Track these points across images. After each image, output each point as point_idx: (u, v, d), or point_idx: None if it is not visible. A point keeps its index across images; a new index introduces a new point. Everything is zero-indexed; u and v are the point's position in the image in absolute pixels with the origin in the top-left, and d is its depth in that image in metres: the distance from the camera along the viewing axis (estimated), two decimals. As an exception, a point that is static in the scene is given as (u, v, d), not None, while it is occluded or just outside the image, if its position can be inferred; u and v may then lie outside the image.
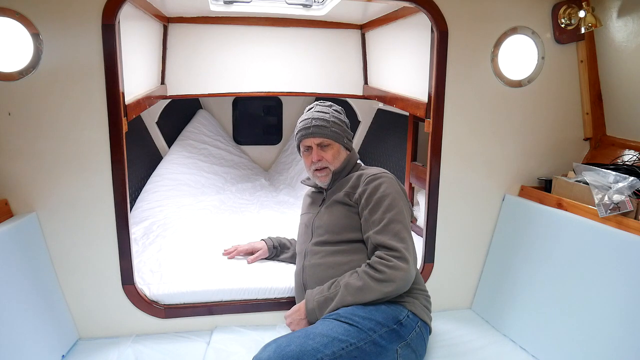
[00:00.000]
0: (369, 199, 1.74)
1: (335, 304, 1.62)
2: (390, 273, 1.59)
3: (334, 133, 1.87)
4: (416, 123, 2.92)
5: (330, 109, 1.93)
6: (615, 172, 1.78)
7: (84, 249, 1.86)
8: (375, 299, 1.61)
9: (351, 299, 1.61)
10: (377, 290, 1.60)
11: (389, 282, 1.59)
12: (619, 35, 1.97)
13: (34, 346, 1.60)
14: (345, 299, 1.61)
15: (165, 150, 4.07)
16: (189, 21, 3.13)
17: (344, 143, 1.91)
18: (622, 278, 1.57)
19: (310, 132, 1.86)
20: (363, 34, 3.39)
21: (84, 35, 1.71)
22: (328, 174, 1.89)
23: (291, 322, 1.72)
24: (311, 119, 1.88)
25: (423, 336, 1.67)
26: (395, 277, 1.59)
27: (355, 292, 1.61)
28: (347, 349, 1.47)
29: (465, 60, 2.02)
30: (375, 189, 1.75)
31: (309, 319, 1.66)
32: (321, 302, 1.65)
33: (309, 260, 1.83)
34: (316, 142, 1.87)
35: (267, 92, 3.45)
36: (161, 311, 1.95)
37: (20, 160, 1.76)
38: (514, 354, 1.83)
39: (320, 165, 1.88)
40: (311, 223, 1.90)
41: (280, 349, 1.43)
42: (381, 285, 1.60)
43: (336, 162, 1.89)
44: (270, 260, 2.27)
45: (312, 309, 1.66)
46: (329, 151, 1.87)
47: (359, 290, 1.61)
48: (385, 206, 1.70)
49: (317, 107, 1.93)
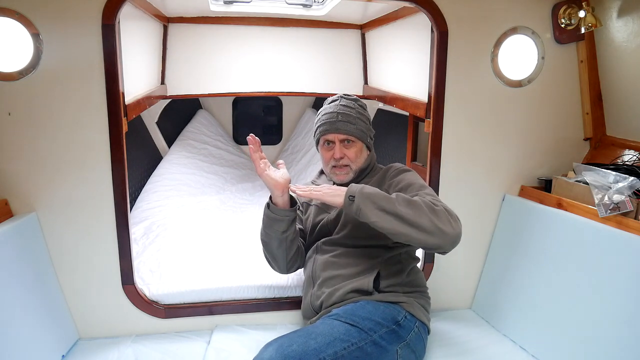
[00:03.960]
0: (398, 186, 1.68)
1: (383, 196, 1.47)
2: (443, 211, 1.45)
3: (359, 131, 1.77)
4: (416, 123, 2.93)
5: (356, 104, 1.82)
6: (615, 172, 1.78)
7: (84, 249, 1.86)
8: (421, 225, 1.43)
9: (401, 208, 1.44)
10: (427, 216, 1.43)
11: (440, 219, 1.43)
12: (619, 35, 1.97)
13: (34, 346, 1.60)
14: (393, 199, 1.46)
15: (165, 150, 4.07)
16: (189, 21, 3.13)
17: (367, 142, 1.83)
18: (622, 278, 1.57)
19: (335, 127, 1.76)
20: (363, 34, 3.39)
21: (84, 35, 1.71)
22: (348, 172, 1.81)
23: (324, 186, 1.60)
24: (337, 113, 1.77)
25: (422, 337, 1.66)
26: (446, 218, 1.44)
27: (406, 202, 1.45)
28: (349, 349, 1.46)
29: (465, 60, 2.02)
30: (403, 178, 1.70)
31: (349, 189, 1.51)
32: (367, 187, 1.51)
33: (321, 256, 1.78)
34: (340, 137, 1.77)
35: (267, 92, 3.45)
36: (161, 311, 1.95)
37: (20, 160, 1.76)
38: (514, 354, 1.83)
39: (341, 163, 1.79)
40: (333, 218, 1.82)
41: (282, 348, 1.41)
42: (434, 215, 1.43)
43: (358, 161, 1.81)
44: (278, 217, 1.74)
45: (356, 185, 1.52)
46: (352, 149, 1.79)
47: (411, 203, 1.45)
48: (417, 187, 1.64)
49: (342, 100, 1.82)
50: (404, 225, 1.44)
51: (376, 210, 1.46)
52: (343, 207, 1.51)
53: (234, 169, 4.25)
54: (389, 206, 1.45)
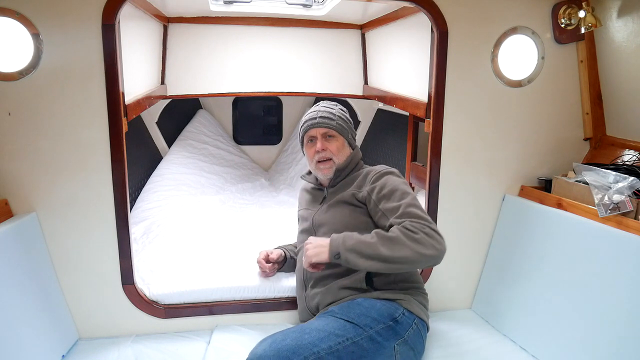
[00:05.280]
0: (380, 192, 1.72)
1: (363, 240, 1.55)
2: (422, 237, 1.52)
3: (340, 126, 1.87)
4: (416, 123, 2.93)
5: (337, 107, 1.95)
6: (615, 172, 1.78)
7: (84, 249, 1.86)
8: (406, 259, 1.51)
9: (381, 247, 1.52)
10: (408, 248, 1.50)
11: (421, 244, 1.51)
12: (619, 35, 1.97)
13: (34, 346, 1.60)
14: (374, 244, 1.53)
15: (165, 150, 4.07)
16: (189, 21, 3.13)
17: (348, 138, 1.91)
18: (622, 278, 1.57)
19: (316, 122, 1.86)
20: (363, 34, 3.39)
21: (84, 35, 1.71)
22: (332, 166, 1.86)
23: (311, 243, 1.65)
24: (317, 111, 1.89)
25: (421, 333, 1.66)
26: (426, 241, 1.51)
27: (386, 241, 1.53)
28: (344, 344, 1.46)
29: (465, 60, 2.02)
30: (385, 183, 1.74)
31: (331, 246, 1.59)
32: (348, 235, 1.59)
33: None
34: (321, 132, 1.86)
35: (267, 92, 3.45)
36: (161, 311, 1.95)
37: (20, 160, 1.76)
38: (514, 354, 1.83)
39: (324, 156, 1.85)
40: (312, 220, 1.89)
41: (276, 343, 1.42)
42: (414, 244, 1.51)
43: (340, 155, 1.87)
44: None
45: (337, 238, 1.60)
46: (333, 142, 1.87)
47: (390, 240, 1.52)
48: (399, 196, 1.68)
49: (323, 103, 1.96)
50: (392, 264, 1.53)
51: (362, 259, 1.54)
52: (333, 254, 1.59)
53: (234, 169, 4.25)
54: (372, 252, 1.53)
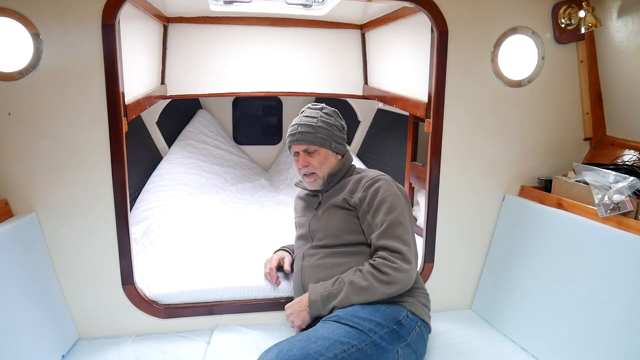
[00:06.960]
0: (370, 203, 1.74)
1: (339, 301, 1.63)
2: (395, 275, 1.61)
3: (319, 139, 1.85)
4: (416, 123, 2.92)
5: (321, 112, 1.90)
6: (615, 172, 1.78)
7: (84, 249, 1.86)
8: (376, 300, 1.62)
9: (355, 298, 1.62)
10: (380, 292, 1.61)
11: (392, 284, 1.61)
12: (619, 35, 1.97)
13: (34, 346, 1.60)
14: (349, 297, 1.62)
15: (165, 150, 4.07)
16: (189, 21, 3.13)
17: (331, 148, 1.88)
18: (622, 278, 1.57)
19: (295, 138, 1.86)
20: (363, 34, 3.39)
21: (84, 35, 1.71)
22: (316, 179, 1.89)
23: (292, 313, 1.72)
24: (297, 125, 1.88)
25: (423, 336, 1.67)
26: (398, 279, 1.61)
27: (359, 292, 1.62)
28: (349, 351, 1.47)
29: (465, 60, 2.02)
30: (375, 193, 1.75)
31: (311, 311, 1.67)
32: (324, 297, 1.65)
33: (307, 261, 1.83)
34: (302, 148, 1.87)
35: (267, 92, 3.45)
36: (161, 311, 1.95)
37: (20, 160, 1.76)
38: (514, 354, 1.83)
39: (306, 172, 1.88)
40: (308, 226, 1.90)
41: (282, 353, 1.43)
42: (385, 287, 1.61)
43: (324, 167, 1.87)
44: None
45: (315, 301, 1.66)
46: (315, 157, 1.86)
47: (364, 291, 1.62)
48: (386, 209, 1.70)
49: (306, 111, 1.92)
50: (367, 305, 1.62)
51: (339, 308, 1.63)
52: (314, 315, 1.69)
53: (233, 169, 4.25)
54: (347, 303, 1.63)
